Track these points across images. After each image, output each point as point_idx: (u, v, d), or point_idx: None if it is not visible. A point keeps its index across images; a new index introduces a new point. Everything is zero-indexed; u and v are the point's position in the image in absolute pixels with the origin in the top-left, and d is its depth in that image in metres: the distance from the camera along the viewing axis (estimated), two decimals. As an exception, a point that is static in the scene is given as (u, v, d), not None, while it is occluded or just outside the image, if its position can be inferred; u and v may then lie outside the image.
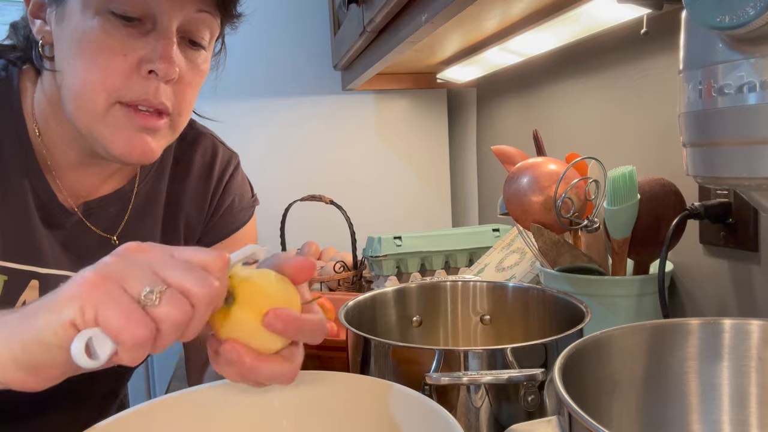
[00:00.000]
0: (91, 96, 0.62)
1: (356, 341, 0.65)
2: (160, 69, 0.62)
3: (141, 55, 0.62)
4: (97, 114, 0.63)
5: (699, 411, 0.53)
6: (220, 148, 0.86)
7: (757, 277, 0.81)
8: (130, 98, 0.63)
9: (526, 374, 0.56)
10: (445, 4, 0.85)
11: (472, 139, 1.87)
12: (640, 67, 1.02)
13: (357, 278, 1.44)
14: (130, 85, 0.62)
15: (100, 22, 0.61)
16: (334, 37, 1.70)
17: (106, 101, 0.62)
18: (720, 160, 0.46)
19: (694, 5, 0.43)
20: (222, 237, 0.84)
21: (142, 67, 0.62)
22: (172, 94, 0.65)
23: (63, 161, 0.70)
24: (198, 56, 0.67)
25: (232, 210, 0.85)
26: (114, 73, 0.61)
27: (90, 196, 0.73)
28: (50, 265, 0.70)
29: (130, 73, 0.62)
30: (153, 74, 0.62)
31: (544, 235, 0.86)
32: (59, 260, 0.71)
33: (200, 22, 0.65)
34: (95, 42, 0.61)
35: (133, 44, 0.62)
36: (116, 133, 0.64)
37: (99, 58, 0.61)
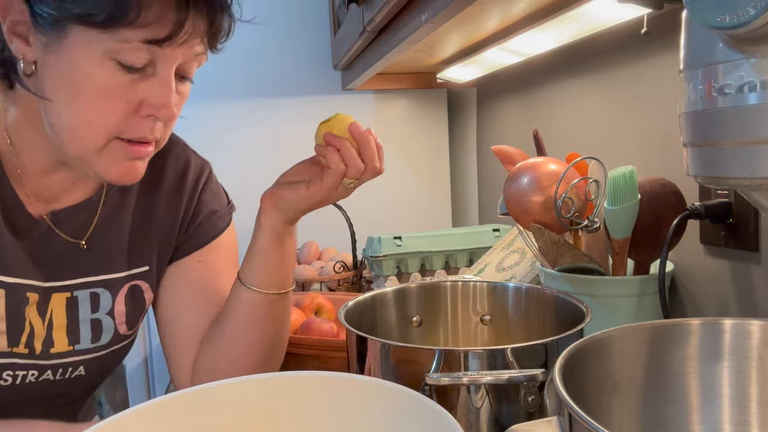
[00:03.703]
0: (90, 134, 0.64)
1: (356, 341, 0.65)
2: (162, 115, 0.64)
3: (141, 99, 0.64)
4: (95, 149, 0.64)
5: (699, 411, 0.53)
6: (192, 158, 0.85)
7: (757, 277, 0.81)
8: (129, 136, 0.65)
9: (526, 374, 0.56)
10: (445, 4, 0.85)
11: (472, 139, 1.87)
12: (640, 67, 1.02)
13: (357, 278, 1.44)
14: (130, 126, 0.64)
15: (106, 68, 0.61)
16: (334, 37, 1.70)
17: (105, 139, 0.64)
18: (720, 160, 0.46)
19: (695, 5, 0.42)
20: (200, 245, 0.83)
21: (142, 110, 0.64)
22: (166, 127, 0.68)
23: (34, 167, 0.70)
24: (185, 88, 0.69)
25: (209, 219, 0.84)
26: (116, 117, 0.63)
27: (58, 204, 0.73)
28: (15, 274, 0.70)
29: (131, 115, 0.64)
30: (152, 117, 0.65)
31: (544, 235, 0.86)
32: (25, 269, 0.71)
33: (196, 61, 0.68)
34: (100, 87, 0.62)
35: (135, 89, 0.63)
36: (111, 164, 0.66)
37: (102, 102, 0.62)
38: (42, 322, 0.72)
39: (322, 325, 0.94)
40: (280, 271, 0.78)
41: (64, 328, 0.74)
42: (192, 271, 0.83)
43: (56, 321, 0.74)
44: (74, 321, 0.75)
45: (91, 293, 0.76)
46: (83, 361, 0.76)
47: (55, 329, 0.73)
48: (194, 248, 0.83)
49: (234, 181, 0.94)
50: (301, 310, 1.01)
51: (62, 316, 0.74)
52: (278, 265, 0.77)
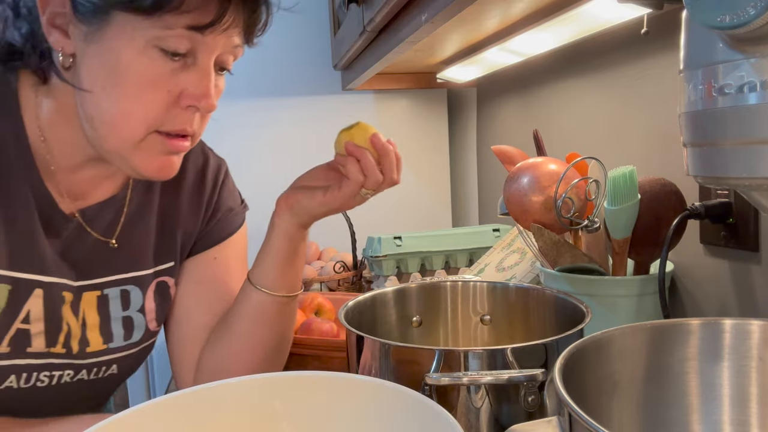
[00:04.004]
0: (130, 126, 0.63)
1: (356, 341, 0.65)
2: (202, 106, 0.64)
3: (182, 89, 0.63)
4: (133, 142, 0.64)
5: (699, 411, 0.53)
6: (210, 155, 0.86)
7: (757, 277, 0.81)
8: (168, 129, 0.64)
9: (526, 374, 0.56)
10: (445, 4, 0.85)
11: (472, 139, 1.87)
12: (640, 67, 1.02)
13: (357, 278, 1.44)
14: (169, 118, 0.64)
15: (148, 56, 0.61)
16: (334, 37, 1.70)
17: (145, 132, 0.63)
18: (720, 160, 0.46)
19: (695, 5, 0.42)
20: (215, 242, 0.84)
21: (182, 101, 0.63)
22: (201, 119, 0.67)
23: (67, 165, 0.70)
24: (222, 81, 0.69)
25: (226, 216, 0.85)
26: (157, 107, 0.63)
27: (86, 201, 0.73)
28: (53, 273, 0.69)
29: (171, 107, 0.63)
30: (192, 107, 0.64)
31: (544, 235, 0.86)
32: (59, 268, 0.71)
33: (234, 53, 0.67)
34: (142, 76, 0.61)
35: (176, 79, 0.63)
36: (149, 158, 0.65)
37: (144, 92, 0.62)
38: (77, 321, 0.72)
39: (322, 325, 0.94)
40: (290, 274, 0.78)
41: (97, 327, 0.74)
42: (206, 267, 0.83)
43: (89, 320, 0.73)
44: (106, 319, 0.75)
45: (122, 291, 0.76)
46: (117, 359, 0.76)
47: (89, 328, 0.73)
48: (211, 245, 0.83)
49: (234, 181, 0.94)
50: (301, 310, 1.01)
51: (94, 314, 0.74)
52: (289, 268, 0.78)
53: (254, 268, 0.79)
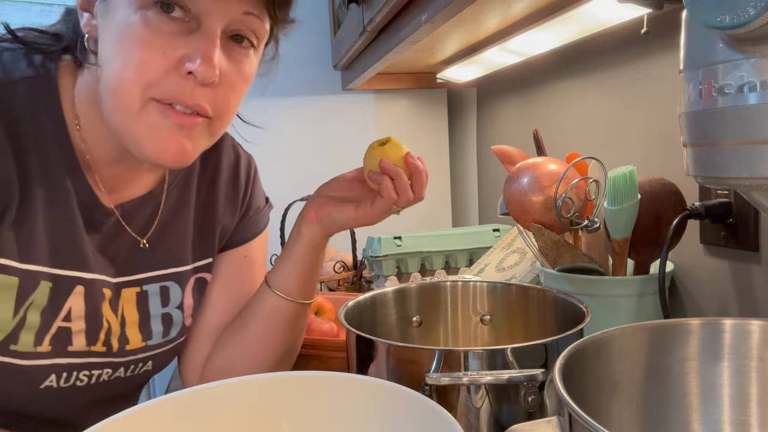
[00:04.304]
0: (126, 92, 0.59)
1: (356, 341, 0.65)
2: (199, 71, 0.59)
3: (182, 54, 0.59)
4: (132, 111, 0.60)
5: (699, 411, 0.53)
6: (240, 151, 0.85)
7: (757, 277, 0.81)
8: (164, 95, 0.60)
9: (526, 374, 0.56)
10: (445, 4, 0.85)
11: (472, 139, 1.87)
12: (640, 67, 1.02)
13: (357, 278, 1.44)
14: (166, 83, 0.59)
15: (143, 16, 0.58)
16: (334, 37, 1.70)
17: (141, 98, 0.59)
18: (720, 160, 0.46)
19: (695, 5, 0.42)
20: (244, 240, 0.84)
21: (182, 67, 0.59)
22: (212, 97, 0.62)
23: (102, 156, 0.68)
24: (244, 57, 0.64)
25: (257, 213, 0.85)
26: (151, 70, 0.59)
27: (124, 196, 0.72)
28: (93, 269, 0.69)
29: (168, 72, 0.59)
30: (192, 75, 0.60)
31: (544, 235, 0.86)
32: (100, 264, 0.70)
33: (248, 24, 0.62)
34: (135, 37, 0.58)
35: (175, 42, 0.59)
36: (150, 132, 0.61)
37: (137, 54, 0.58)
38: (116, 318, 0.72)
39: (322, 325, 0.94)
40: (309, 281, 0.79)
41: (137, 324, 0.74)
42: (236, 265, 0.83)
43: (128, 317, 0.73)
44: (146, 316, 0.74)
45: (161, 287, 0.75)
46: (153, 356, 0.76)
47: (128, 326, 0.73)
48: (242, 242, 0.83)
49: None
50: (301, 310, 1.01)
51: (133, 311, 0.73)
52: (309, 276, 0.78)
53: (274, 273, 0.78)
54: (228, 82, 0.63)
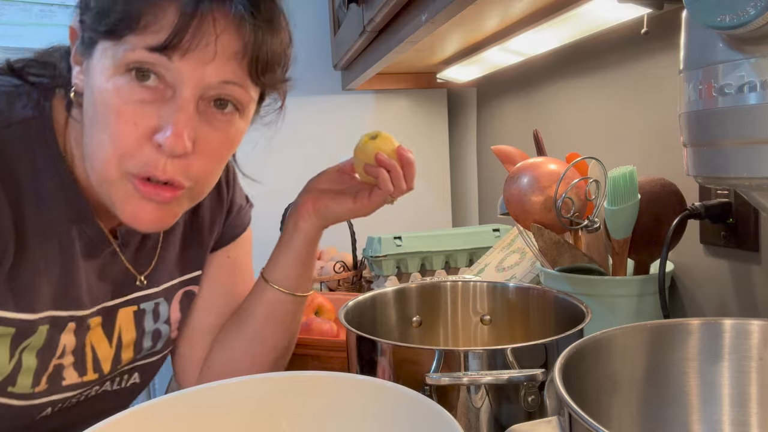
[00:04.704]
0: (103, 162, 0.58)
1: (356, 341, 0.65)
2: (167, 144, 0.56)
3: (153, 125, 0.57)
4: (109, 180, 0.59)
5: (699, 411, 0.53)
6: None
7: (757, 277, 0.81)
8: (139, 169, 0.58)
9: (526, 374, 0.56)
10: (445, 4, 0.85)
11: (472, 139, 1.87)
12: (640, 67, 1.02)
13: (357, 278, 1.44)
14: (140, 155, 0.58)
15: (115, 84, 0.57)
16: (334, 37, 1.70)
17: (117, 170, 0.58)
18: (720, 160, 0.46)
19: (695, 5, 0.42)
20: (229, 241, 0.83)
21: (153, 138, 0.57)
22: (186, 168, 0.60)
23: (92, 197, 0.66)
24: (226, 124, 0.62)
25: (239, 213, 0.85)
26: (123, 142, 0.57)
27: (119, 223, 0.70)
28: (86, 305, 0.68)
29: (141, 143, 0.57)
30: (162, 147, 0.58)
31: (544, 235, 0.86)
32: (95, 294, 0.69)
33: (227, 91, 0.60)
34: (108, 106, 0.57)
35: (147, 112, 0.57)
36: (126, 200, 0.60)
37: (111, 123, 0.57)
38: (109, 344, 0.71)
39: (322, 325, 0.94)
40: (306, 274, 0.79)
41: (133, 344, 0.73)
42: (221, 267, 0.83)
43: (125, 336, 0.72)
44: (141, 334, 0.74)
45: (155, 303, 0.76)
46: (138, 368, 0.76)
47: (125, 347, 0.73)
48: (225, 243, 0.83)
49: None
50: (301, 310, 1.01)
51: (131, 330, 0.73)
52: (306, 268, 0.79)
53: (270, 267, 0.79)
54: (205, 150, 0.60)
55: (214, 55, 0.57)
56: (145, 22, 0.55)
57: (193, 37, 0.56)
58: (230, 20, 0.57)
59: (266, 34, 0.60)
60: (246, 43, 0.58)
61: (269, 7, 0.61)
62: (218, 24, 0.57)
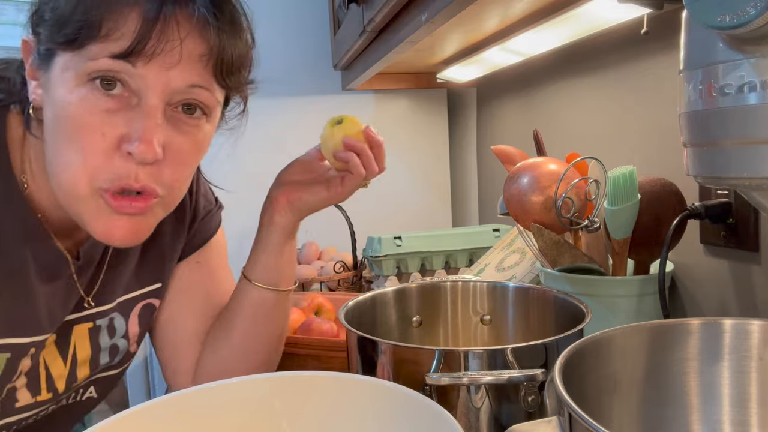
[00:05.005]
0: (72, 179, 0.57)
1: (356, 341, 0.65)
2: (137, 153, 0.55)
3: (121, 133, 0.56)
4: (79, 198, 0.58)
5: (699, 411, 0.53)
6: None
7: (757, 277, 0.81)
8: (110, 182, 0.57)
9: (526, 374, 0.56)
10: (445, 4, 0.85)
11: (472, 139, 1.87)
12: (640, 67, 1.02)
13: (357, 278, 1.44)
14: (110, 167, 0.56)
15: (80, 95, 0.55)
16: (334, 37, 1.70)
17: (88, 187, 0.57)
18: (721, 160, 0.46)
19: (695, 5, 0.42)
20: (197, 247, 0.82)
21: (122, 147, 0.56)
22: (158, 174, 0.59)
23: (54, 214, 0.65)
24: (194, 128, 0.61)
25: (205, 219, 0.83)
26: (92, 154, 0.56)
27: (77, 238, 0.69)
28: (46, 330, 0.66)
29: (110, 154, 0.56)
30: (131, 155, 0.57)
31: (544, 235, 0.86)
32: (54, 317, 0.67)
33: (194, 95, 0.59)
34: (74, 118, 0.55)
35: (114, 121, 0.56)
36: (98, 216, 0.58)
37: (78, 136, 0.55)
38: (63, 361, 0.70)
39: (322, 325, 0.94)
40: (288, 267, 0.78)
41: (88, 361, 0.72)
42: (191, 273, 0.82)
43: (80, 354, 0.71)
44: (96, 350, 0.73)
45: (110, 319, 0.74)
46: (95, 382, 0.76)
47: (80, 364, 0.71)
48: (192, 250, 0.82)
49: (233, 182, 0.94)
50: (301, 310, 1.01)
51: (86, 347, 0.72)
52: (287, 262, 0.78)
53: (250, 265, 0.78)
54: (175, 156, 0.60)
55: (179, 60, 0.56)
56: (106, 29, 0.54)
57: (157, 41, 0.55)
58: (194, 24, 0.57)
59: (230, 36, 0.59)
60: (211, 46, 0.58)
61: (231, 9, 0.60)
62: (182, 28, 0.56)
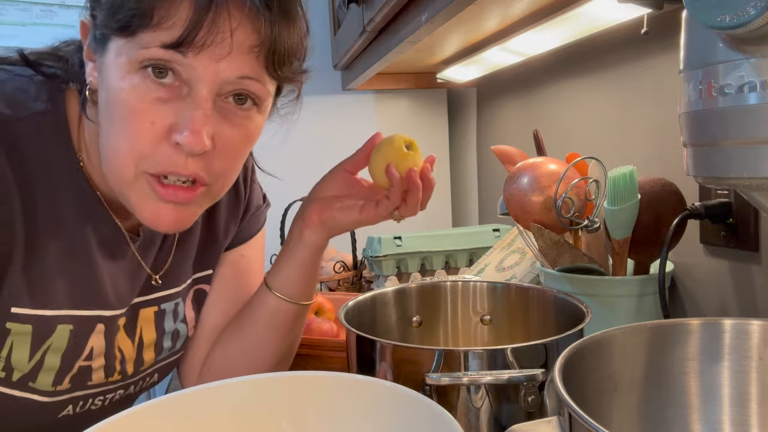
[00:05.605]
0: (119, 162, 0.58)
1: (356, 341, 0.65)
2: (186, 144, 0.56)
3: (170, 123, 0.56)
4: (126, 181, 0.59)
5: (699, 411, 0.53)
6: None
7: (757, 277, 0.81)
8: (157, 168, 0.57)
9: (526, 374, 0.56)
10: (445, 4, 0.85)
11: (472, 139, 1.87)
12: (640, 67, 1.02)
13: (357, 278, 1.44)
14: (157, 155, 0.57)
15: (132, 82, 0.56)
16: (334, 37, 1.70)
17: (134, 170, 0.58)
18: (721, 160, 0.46)
19: (695, 5, 0.42)
20: (244, 240, 0.83)
21: (171, 137, 0.56)
22: (207, 164, 0.59)
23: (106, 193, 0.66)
24: (245, 119, 0.61)
25: (255, 213, 0.84)
26: (140, 141, 0.56)
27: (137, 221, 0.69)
28: (113, 305, 0.67)
29: (158, 142, 0.57)
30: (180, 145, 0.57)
31: (544, 235, 0.86)
32: (121, 295, 0.68)
33: (245, 86, 0.59)
34: (124, 105, 0.56)
35: (163, 110, 0.56)
36: (144, 202, 0.59)
37: (128, 122, 0.56)
38: (132, 343, 0.71)
39: (322, 325, 0.94)
40: (310, 282, 0.78)
41: (153, 345, 0.73)
42: (234, 265, 0.82)
43: (146, 337, 0.72)
44: (161, 334, 0.74)
45: (175, 304, 0.75)
46: (159, 369, 0.77)
47: (146, 347, 0.72)
48: (240, 242, 0.82)
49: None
50: (301, 310, 1.01)
51: (152, 331, 0.73)
52: (311, 277, 0.77)
53: (274, 275, 0.77)
54: (225, 147, 0.59)
55: (230, 51, 0.56)
56: (158, 18, 0.54)
57: (208, 32, 0.54)
58: (245, 14, 0.56)
59: (282, 27, 0.59)
60: (262, 37, 0.57)
61: None
62: (233, 18, 0.55)
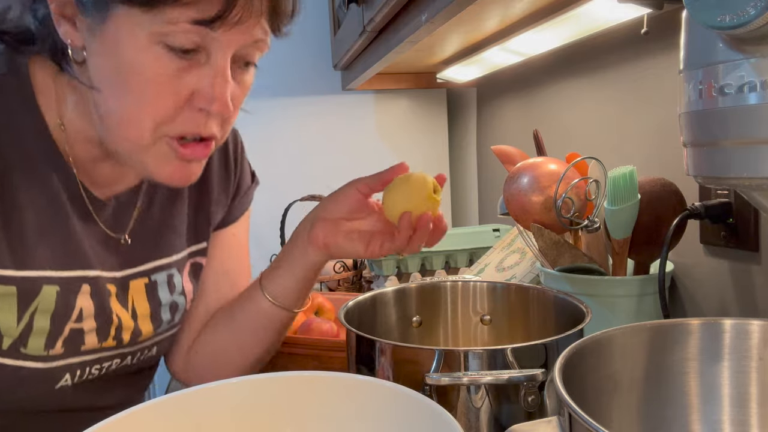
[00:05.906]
0: (137, 129, 0.59)
1: (356, 341, 0.65)
2: (214, 109, 0.59)
3: (193, 89, 0.58)
4: (142, 145, 0.60)
5: (699, 411, 0.53)
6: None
7: (757, 277, 0.81)
8: (177, 132, 0.60)
9: (526, 374, 0.56)
10: (445, 4, 0.85)
11: (472, 139, 1.87)
12: (640, 67, 1.02)
13: (357, 278, 1.44)
14: (179, 120, 0.59)
15: (151, 54, 0.56)
16: (334, 37, 1.70)
17: (152, 134, 0.59)
18: (721, 160, 0.46)
19: (695, 5, 0.42)
20: (235, 218, 0.84)
21: (194, 102, 0.59)
22: (223, 121, 0.63)
23: (84, 156, 0.67)
24: (248, 76, 0.64)
25: (245, 191, 0.85)
26: (164, 110, 0.58)
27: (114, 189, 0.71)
28: (95, 266, 0.68)
29: (180, 109, 0.59)
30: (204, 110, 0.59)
31: (544, 235, 0.86)
32: (101, 258, 0.69)
33: (257, 48, 0.62)
34: (145, 75, 0.57)
35: (186, 79, 0.58)
36: (160, 164, 0.62)
37: (148, 93, 0.57)
38: (127, 312, 0.71)
39: (322, 325, 0.94)
40: (305, 294, 0.79)
41: (149, 317, 0.73)
42: (228, 245, 0.83)
43: (139, 310, 0.72)
44: (156, 306, 0.74)
45: (168, 275, 0.75)
46: (158, 342, 0.76)
47: (140, 319, 0.72)
48: (232, 220, 0.83)
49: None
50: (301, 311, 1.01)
51: (144, 303, 0.73)
52: (308, 288, 0.79)
53: (271, 282, 0.77)
54: (234, 104, 0.62)
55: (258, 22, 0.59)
56: None
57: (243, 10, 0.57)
58: None
59: None
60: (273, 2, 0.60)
61: None
62: None
